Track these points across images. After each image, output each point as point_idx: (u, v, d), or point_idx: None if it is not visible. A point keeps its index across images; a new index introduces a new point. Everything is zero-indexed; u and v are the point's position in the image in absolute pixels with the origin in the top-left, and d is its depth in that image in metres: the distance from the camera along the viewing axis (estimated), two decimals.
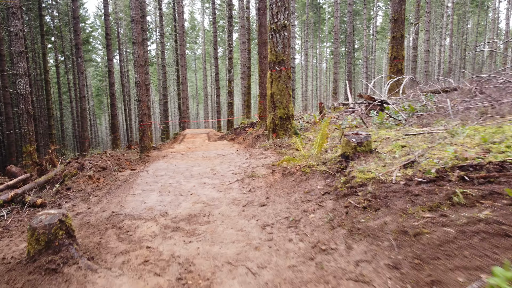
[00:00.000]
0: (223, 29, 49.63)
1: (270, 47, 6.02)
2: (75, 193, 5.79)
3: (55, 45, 32.20)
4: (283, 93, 5.96)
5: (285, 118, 6.05)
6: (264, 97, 13.45)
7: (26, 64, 11.72)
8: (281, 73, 5.92)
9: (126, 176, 6.27)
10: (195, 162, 5.65)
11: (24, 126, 11.78)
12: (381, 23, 49.42)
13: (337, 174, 3.68)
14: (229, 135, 17.98)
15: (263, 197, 3.89)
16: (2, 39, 17.64)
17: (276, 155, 5.38)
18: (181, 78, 29.29)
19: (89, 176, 6.24)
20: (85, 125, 18.73)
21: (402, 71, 9.84)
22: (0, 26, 17.12)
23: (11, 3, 11.03)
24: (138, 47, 11.43)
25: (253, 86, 51.38)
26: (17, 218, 4.56)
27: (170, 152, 11.41)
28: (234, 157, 5.86)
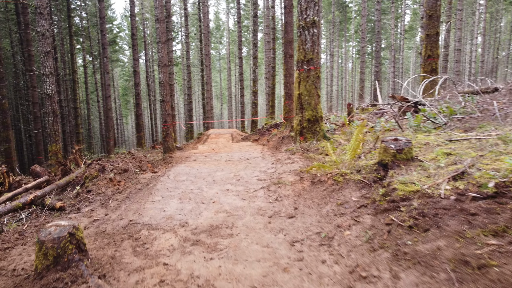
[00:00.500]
0: (248, 28, 49.50)
1: (298, 45, 5.68)
2: (95, 196, 5.63)
3: (83, 45, 32.84)
4: (311, 94, 5.62)
5: (314, 120, 5.70)
6: (290, 98, 13.09)
7: (52, 64, 11.80)
8: (310, 73, 5.57)
9: (147, 180, 6.07)
10: (217, 166, 5.38)
11: (50, 126, 11.86)
12: (409, 22, 48.09)
13: (374, 185, 3.31)
14: (253, 136, 17.72)
15: (291, 207, 3.56)
16: (30, 40, 17.97)
17: (303, 160, 5.05)
18: (206, 78, 29.27)
19: (110, 179, 6.08)
20: (110, 125, 18.88)
21: (437, 71, 9.29)
22: (28, 26, 17.43)
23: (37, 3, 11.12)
24: (162, 46, 11.31)
25: (277, 86, 51.06)
26: (34, 223, 4.41)
27: (193, 153, 11.23)
28: (259, 161, 5.56)
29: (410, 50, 60.55)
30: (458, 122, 5.23)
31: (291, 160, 5.08)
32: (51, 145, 12.07)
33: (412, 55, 61.40)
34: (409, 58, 62.22)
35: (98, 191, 5.89)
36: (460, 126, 4.95)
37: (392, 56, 35.12)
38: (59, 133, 12.06)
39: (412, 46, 58.83)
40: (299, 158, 5.15)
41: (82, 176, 6.40)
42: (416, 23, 51.29)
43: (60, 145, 12.05)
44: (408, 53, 60.89)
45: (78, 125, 27.77)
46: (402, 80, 46.51)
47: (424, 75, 9.23)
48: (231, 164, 5.58)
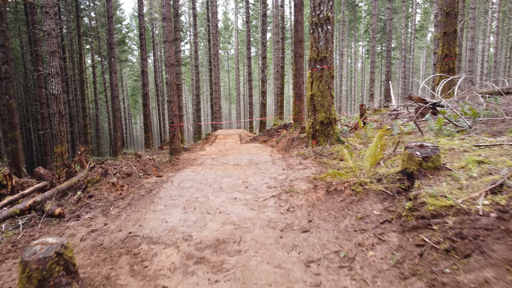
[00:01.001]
0: (257, 28, 49.23)
1: (310, 42, 5.35)
2: (96, 202, 5.37)
3: (92, 45, 32.84)
4: (324, 95, 5.28)
5: (327, 123, 5.36)
6: (299, 98, 12.75)
7: (58, 64, 11.61)
8: (323, 72, 5.24)
9: (151, 184, 5.79)
10: (225, 172, 5.08)
11: (55, 127, 11.68)
12: (419, 21, 47.43)
13: (398, 196, 2.98)
14: (262, 137, 17.40)
15: (305, 219, 3.24)
16: (38, 40, 17.87)
17: (316, 165, 4.72)
18: (214, 78, 29.04)
19: (113, 183, 5.82)
20: (117, 125, 18.71)
21: (454, 70, 8.88)
22: (34, 26, 17.31)
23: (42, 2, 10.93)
24: (169, 45, 11.05)
25: (286, 86, 50.71)
26: (29, 232, 4.15)
27: (200, 155, 10.95)
28: (269, 166, 5.24)
29: (420, 50, 59.79)
30: (483, 125, 4.86)
31: (303, 165, 4.76)
32: (56, 146, 11.88)
33: (422, 55, 60.67)
34: (419, 58, 61.49)
35: (100, 196, 5.63)
36: (486, 130, 4.58)
37: (403, 55, 34.58)
38: (65, 134, 11.88)
39: (422, 46, 58.10)
40: (311, 163, 4.83)
41: (84, 180, 6.16)
42: (427, 22, 50.57)
43: (66, 146, 11.86)
44: (418, 52, 60.13)
45: (86, 125, 27.76)
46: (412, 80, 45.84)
47: (441, 75, 8.83)
48: (239, 169, 5.27)
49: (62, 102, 11.89)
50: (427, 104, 6.81)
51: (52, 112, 11.70)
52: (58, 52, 11.59)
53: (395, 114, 9.15)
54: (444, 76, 8.69)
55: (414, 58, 47.93)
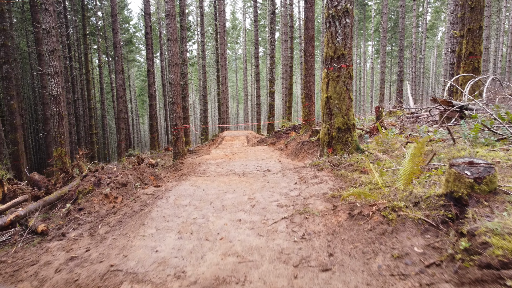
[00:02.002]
0: (265, 28, 48.65)
1: (326, 38, 4.74)
2: (86, 216, 4.82)
3: (98, 45, 32.51)
4: (342, 97, 4.67)
5: (344, 129, 4.74)
6: (309, 99, 12.12)
7: (58, 64, 11.13)
8: (341, 72, 4.62)
9: (148, 196, 5.22)
10: (228, 185, 4.46)
11: (55, 129, 11.20)
12: (429, 20, 46.47)
13: (444, 228, 2.36)
14: (269, 139, 16.81)
15: (324, 252, 2.63)
16: (40, 38, 17.46)
17: (334, 179, 4.11)
18: (221, 78, 28.50)
19: (106, 195, 5.26)
20: (121, 127, 18.24)
21: (479, 70, 8.20)
22: (36, 25, 16.90)
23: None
24: (173, 44, 10.50)
25: (294, 86, 50.03)
26: (1, 256, 3.59)
27: (205, 160, 10.38)
28: (279, 179, 4.61)
29: (430, 50, 58.77)
30: None
31: (318, 178, 4.14)
32: (56, 149, 11.39)
33: (432, 55, 59.68)
34: (429, 57, 60.47)
35: (91, 209, 5.08)
36: None
37: (413, 55, 33.77)
38: (65, 136, 11.38)
39: (432, 46, 57.09)
40: (328, 176, 4.21)
41: (76, 190, 5.61)
42: (438, 21, 49.55)
43: (66, 149, 11.36)
44: (427, 52, 59.10)
45: (92, 126, 27.41)
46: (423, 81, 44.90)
47: (464, 75, 8.14)
48: (245, 182, 4.65)
49: (62, 103, 11.41)
50: (453, 107, 6.15)
51: (51, 113, 11.23)
52: (58, 51, 11.09)
53: (414, 117, 8.49)
54: (473, 75, 8.00)
55: (425, 58, 47.01)
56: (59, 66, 18.30)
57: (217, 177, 5.20)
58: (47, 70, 11.08)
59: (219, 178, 5.12)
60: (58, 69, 11.23)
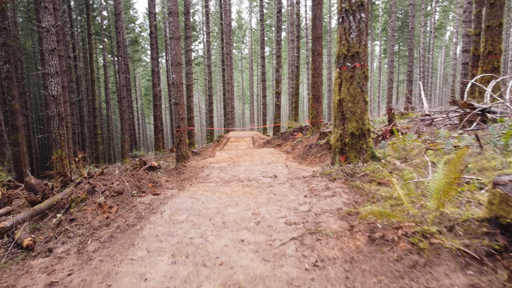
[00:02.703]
0: (271, 28, 48.25)
1: (339, 35, 4.31)
2: (77, 228, 4.45)
3: (104, 44, 32.30)
4: (356, 100, 4.24)
5: (359, 135, 4.30)
6: (317, 100, 11.68)
7: (58, 63, 10.80)
8: (355, 72, 4.19)
9: (145, 206, 4.84)
10: (231, 197, 4.03)
11: (55, 130, 10.88)
12: (438, 20, 45.80)
13: (490, 263, 1.93)
14: (276, 140, 16.39)
15: (342, 286, 2.22)
16: (42, 38, 17.17)
17: (348, 191, 3.69)
18: (227, 78, 28.14)
19: (99, 204, 4.88)
20: (125, 127, 17.91)
21: (499, 70, 7.72)
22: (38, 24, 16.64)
23: None
24: (175, 43, 10.12)
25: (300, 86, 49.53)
26: None
27: (209, 163, 9.99)
28: (287, 190, 4.18)
29: (437, 49, 58.06)
30: None
31: (330, 191, 3.72)
32: (56, 150, 11.07)
33: (440, 54, 58.97)
34: (437, 57, 59.74)
35: (83, 220, 4.71)
36: None
37: (422, 55, 33.17)
38: (65, 138, 11.05)
39: (441, 45, 56.38)
40: (341, 187, 3.79)
41: (68, 199, 5.24)
42: (446, 21, 48.81)
43: (66, 151, 11.03)
44: (435, 52, 58.40)
45: (96, 126, 27.14)
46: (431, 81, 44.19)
47: (484, 75, 7.66)
48: (249, 193, 4.21)
49: (62, 103, 11.09)
50: (475, 110, 5.70)
51: (51, 114, 10.91)
52: (58, 51, 10.78)
53: (428, 120, 8.03)
54: (486, 76, 7.52)
55: (433, 58, 46.36)
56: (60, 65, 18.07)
57: (219, 187, 4.77)
58: (47, 69, 10.76)
59: (221, 188, 4.69)
60: (58, 69, 10.89)
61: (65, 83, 18.75)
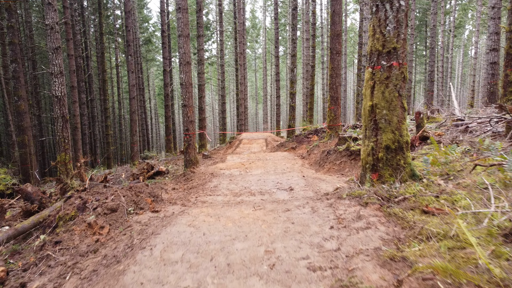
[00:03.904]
0: (285, 26, 47.48)
1: (372, 27, 3.55)
2: (61, 254, 3.83)
3: (116, 44, 32.01)
4: (392, 106, 3.47)
5: (395, 148, 3.53)
6: (335, 102, 10.90)
7: (62, 63, 10.29)
8: (391, 72, 3.43)
9: (142, 226, 4.18)
10: (239, 226, 3.27)
11: (58, 132, 10.39)
12: (456, 19, 44.41)
13: None
14: (290, 143, 15.65)
15: None
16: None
17: (385, 221, 2.94)
18: (240, 77, 27.49)
19: (89, 224, 4.24)
20: (134, 129, 17.39)
21: None
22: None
23: None
24: (184, 40, 9.48)
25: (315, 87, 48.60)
26: None
27: (219, 169, 9.33)
28: (307, 217, 3.39)
29: (456, 49, 56.59)
30: None
31: (363, 221, 2.98)
32: (59, 154, 10.56)
33: (458, 54, 57.45)
34: (455, 57, 58.20)
35: (69, 243, 4.08)
36: None
37: (441, 54, 31.97)
38: (69, 140, 10.53)
39: (459, 45, 54.82)
40: (376, 216, 3.05)
41: (56, 216, 4.62)
42: (465, 19, 47.26)
43: (70, 154, 10.51)
44: (454, 52, 56.90)
45: (108, 126, 26.83)
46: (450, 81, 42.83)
47: None
48: (261, 220, 3.39)
49: (66, 105, 10.57)
50: None
51: (55, 116, 10.41)
52: (61, 49, 10.25)
53: (463, 126, 7.20)
54: None
55: (452, 57, 44.96)
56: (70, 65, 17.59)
57: (225, 209, 4.03)
58: (51, 69, 10.25)
59: (228, 211, 3.92)
60: (63, 68, 10.38)
61: (75, 83, 18.35)
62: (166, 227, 3.36)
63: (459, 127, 7.12)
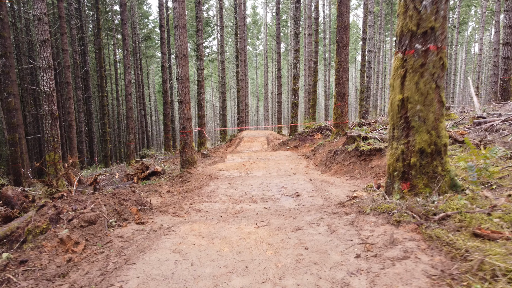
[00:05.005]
0: (286, 23, 46.77)
1: (402, 2, 2.86)
2: (24, 278, 3.19)
3: (114, 40, 31.30)
4: (428, 101, 2.79)
5: (431, 152, 2.84)
6: (342, 98, 10.22)
7: (51, 56, 9.61)
8: (427, 58, 2.75)
9: (124, 242, 3.54)
10: (237, 252, 2.58)
11: (47, 130, 9.70)
12: (460, 14, 43.61)
13: None
14: (292, 142, 14.98)
15: None
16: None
17: (426, 246, 2.28)
18: (241, 74, 26.78)
19: (61, 240, 3.59)
20: (130, 126, 16.71)
21: None
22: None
23: None
24: (180, 32, 8.79)
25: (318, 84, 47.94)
26: None
27: (218, 170, 8.68)
28: (325, 240, 2.66)
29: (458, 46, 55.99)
30: None
31: (398, 248, 2.32)
32: (49, 153, 9.89)
33: (461, 51, 56.77)
34: (457, 54, 57.51)
35: (36, 263, 3.42)
36: None
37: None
38: (59, 139, 9.86)
39: (462, 42, 54.08)
40: (413, 239, 2.39)
41: (25, 229, 3.96)
42: (467, 16, 46.44)
43: (59, 153, 9.85)
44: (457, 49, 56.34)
45: (105, 124, 26.14)
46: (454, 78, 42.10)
47: None
48: (265, 242, 2.65)
49: (55, 101, 9.89)
50: None
51: (43, 113, 9.75)
52: (49, 41, 9.57)
53: (486, 123, 6.53)
54: None
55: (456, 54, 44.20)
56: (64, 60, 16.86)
57: (220, 226, 3.29)
58: (39, 63, 9.57)
59: (223, 228, 3.19)
60: (51, 62, 9.70)
61: (69, 79, 17.67)
62: (144, 253, 2.68)
63: (482, 125, 6.45)
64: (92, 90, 26.89)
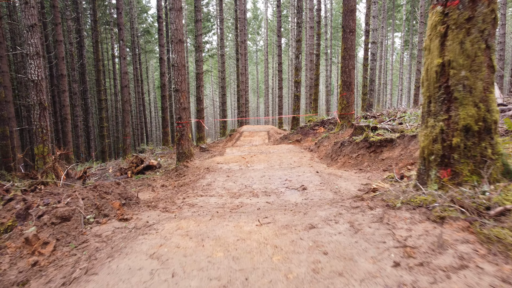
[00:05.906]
0: (287, 18, 46.06)
1: None
2: None
3: (112, 33, 30.63)
4: (476, 65, 2.23)
5: (479, 130, 2.28)
6: (348, 88, 9.62)
7: (39, 42, 9.02)
8: (475, 10, 2.19)
9: (101, 241, 2.97)
10: (235, 257, 1.94)
11: (35, 122, 9.14)
12: None
13: None
14: (294, 135, 14.41)
15: None
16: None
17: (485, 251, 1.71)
18: (241, 68, 26.16)
19: (27, 240, 3.02)
20: (126, 120, 16.13)
21: None
22: None
23: None
24: (176, 15, 8.20)
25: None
26: None
27: (216, 163, 8.10)
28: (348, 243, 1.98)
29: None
30: None
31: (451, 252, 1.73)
32: (37, 146, 9.35)
33: None
34: None
35: None
36: None
37: None
38: (47, 131, 9.31)
39: None
40: (466, 241, 1.82)
41: None
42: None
43: (49, 146, 9.31)
44: None
45: (102, 118, 25.51)
46: None
47: None
48: (271, 245, 2.02)
49: (44, 90, 9.31)
50: None
51: (31, 103, 9.17)
52: (38, 26, 8.99)
53: (509, 111, 5.96)
54: None
55: None
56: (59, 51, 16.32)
57: (215, 222, 2.71)
58: (26, 49, 8.98)
59: (217, 226, 2.61)
60: (39, 49, 9.11)
61: (63, 71, 17.08)
62: (112, 259, 2.10)
63: (506, 113, 5.87)
64: (90, 85, 26.27)
